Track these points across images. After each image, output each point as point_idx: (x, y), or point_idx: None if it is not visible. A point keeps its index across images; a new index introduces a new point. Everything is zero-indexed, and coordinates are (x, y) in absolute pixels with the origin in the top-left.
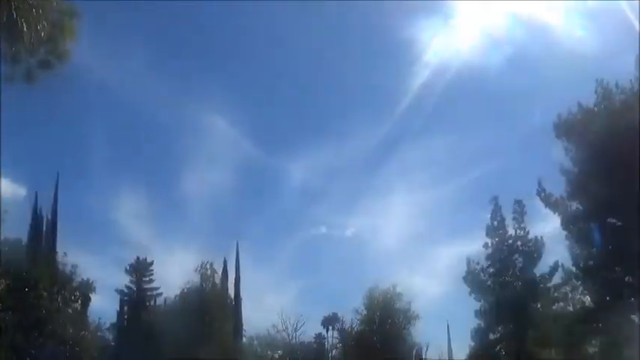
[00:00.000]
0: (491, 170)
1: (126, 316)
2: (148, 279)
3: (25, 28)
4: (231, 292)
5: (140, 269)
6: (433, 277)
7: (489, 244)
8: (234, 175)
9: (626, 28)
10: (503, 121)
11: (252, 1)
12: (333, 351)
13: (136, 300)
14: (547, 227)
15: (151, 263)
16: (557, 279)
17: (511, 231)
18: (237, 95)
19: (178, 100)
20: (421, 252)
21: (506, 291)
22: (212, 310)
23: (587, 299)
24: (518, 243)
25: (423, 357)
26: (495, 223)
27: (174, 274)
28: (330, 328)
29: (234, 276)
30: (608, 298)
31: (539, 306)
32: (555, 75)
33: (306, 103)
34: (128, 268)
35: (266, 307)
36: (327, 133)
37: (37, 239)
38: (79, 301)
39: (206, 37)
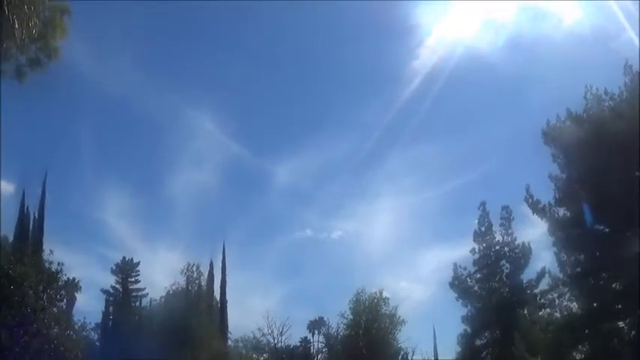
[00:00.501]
0: (478, 176)
1: (111, 317)
2: (133, 279)
3: (16, 25)
4: (217, 294)
5: (126, 269)
6: (419, 281)
7: (476, 250)
8: (220, 176)
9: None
10: (491, 127)
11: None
12: (319, 355)
13: (122, 300)
14: (534, 233)
15: (137, 264)
16: (544, 285)
17: (498, 237)
18: (224, 96)
19: (166, 100)
20: (408, 256)
21: (493, 297)
22: (198, 312)
23: (575, 306)
24: (506, 249)
25: None
26: (483, 228)
27: (160, 275)
28: (316, 332)
29: (220, 278)
30: (595, 304)
31: (525, 312)
32: (553, 64)
33: (293, 105)
34: (114, 268)
35: (252, 310)
36: (314, 136)
37: (24, 236)
38: (65, 300)
39: (194, 37)
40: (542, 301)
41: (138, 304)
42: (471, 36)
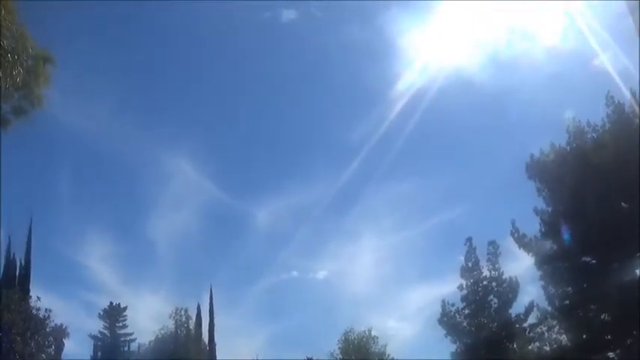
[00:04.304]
0: (460, 212)
1: None
2: (121, 324)
3: (0, 74)
4: (205, 337)
5: (113, 314)
6: (407, 319)
7: (464, 286)
8: (201, 218)
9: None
10: (473, 160)
11: (215, 38)
12: None
13: (110, 345)
14: (520, 267)
15: (125, 308)
16: (532, 319)
17: (485, 272)
18: (200, 138)
19: (144, 144)
20: (394, 294)
21: (483, 332)
22: (187, 355)
23: (564, 338)
24: (493, 284)
25: None
26: (470, 264)
27: (147, 320)
28: None
29: (207, 321)
30: (584, 336)
31: (515, 346)
32: (538, 85)
33: (270, 145)
34: (101, 313)
35: (241, 352)
36: (292, 176)
37: (10, 284)
38: (53, 347)
39: (171, 81)
40: (531, 334)
41: (126, 349)
42: (453, 61)
